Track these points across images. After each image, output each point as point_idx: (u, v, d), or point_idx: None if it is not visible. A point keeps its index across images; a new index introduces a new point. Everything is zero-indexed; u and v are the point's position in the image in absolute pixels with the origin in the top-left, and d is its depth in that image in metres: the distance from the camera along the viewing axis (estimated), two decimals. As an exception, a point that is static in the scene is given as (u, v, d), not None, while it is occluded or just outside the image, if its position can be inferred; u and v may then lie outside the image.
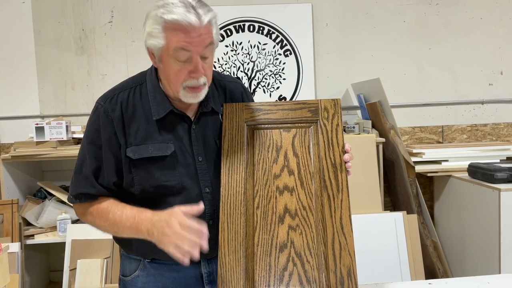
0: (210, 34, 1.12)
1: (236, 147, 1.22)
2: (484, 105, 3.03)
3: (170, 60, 1.13)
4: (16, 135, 2.80)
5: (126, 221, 1.14)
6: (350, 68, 3.00)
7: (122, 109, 1.20)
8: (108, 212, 1.17)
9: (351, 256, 1.09)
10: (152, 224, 1.08)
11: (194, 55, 1.11)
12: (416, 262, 2.34)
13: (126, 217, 1.14)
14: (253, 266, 1.11)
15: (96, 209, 1.20)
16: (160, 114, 1.20)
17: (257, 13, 2.96)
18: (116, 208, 1.17)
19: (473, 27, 2.99)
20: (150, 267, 1.26)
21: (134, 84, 1.24)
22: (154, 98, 1.21)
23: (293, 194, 1.17)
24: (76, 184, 1.21)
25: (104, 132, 1.19)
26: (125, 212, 1.15)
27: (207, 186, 1.23)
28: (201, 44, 1.10)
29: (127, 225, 1.13)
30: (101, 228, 1.21)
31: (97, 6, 2.91)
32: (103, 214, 1.18)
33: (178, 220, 1.04)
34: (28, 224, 2.52)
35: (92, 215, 1.20)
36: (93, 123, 1.21)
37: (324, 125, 1.23)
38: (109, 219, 1.17)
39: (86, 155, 1.21)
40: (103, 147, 1.19)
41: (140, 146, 1.18)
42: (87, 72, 2.93)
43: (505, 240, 2.14)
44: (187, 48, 1.10)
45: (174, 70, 1.14)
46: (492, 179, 2.23)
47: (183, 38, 1.09)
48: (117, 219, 1.15)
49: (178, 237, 1.03)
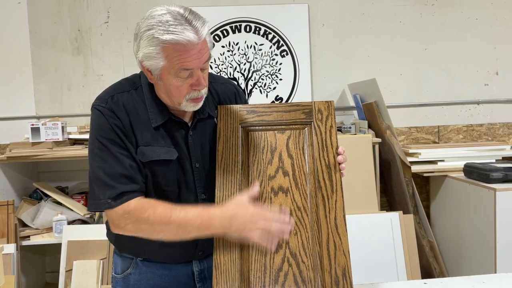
0: (207, 46, 1.11)
1: (231, 149, 1.22)
2: (480, 105, 3.04)
3: (171, 77, 1.10)
4: (11, 136, 2.79)
5: (195, 220, 1.09)
6: (346, 68, 3.00)
7: (126, 109, 1.16)
8: (170, 215, 1.09)
9: (346, 256, 1.10)
10: (227, 218, 1.08)
11: (196, 71, 1.10)
12: (412, 262, 2.35)
13: (193, 216, 1.09)
14: (248, 267, 1.11)
15: (153, 215, 1.10)
16: (158, 122, 1.18)
17: (253, 13, 2.96)
18: (175, 210, 1.10)
19: (469, 28, 3.01)
20: (142, 265, 1.26)
21: (129, 87, 1.21)
22: (151, 106, 1.18)
23: (288, 195, 1.18)
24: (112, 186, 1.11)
25: (117, 130, 1.14)
26: (189, 212, 1.10)
27: (203, 193, 1.23)
28: (201, 59, 1.09)
29: (197, 223, 1.09)
30: (161, 233, 1.11)
31: (93, 6, 2.91)
32: (164, 218, 1.09)
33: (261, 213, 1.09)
34: (24, 225, 2.52)
35: (149, 222, 1.10)
36: (103, 124, 1.14)
37: (318, 127, 1.24)
38: (173, 222, 1.09)
39: (110, 157, 1.12)
40: (125, 142, 1.14)
41: (147, 148, 1.16)
42: (83, 72, 2.93)
43: (501, 240, 2.15)
44: (189, 67, 1.08)
45: (175, 86, 1.12)
46: (487, 179, 2.24)
47: (184, 58, 1.07)
48: (182, 220, 1.09)
49: (265, 226, 1.08)
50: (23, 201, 2.59)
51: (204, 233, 1.10)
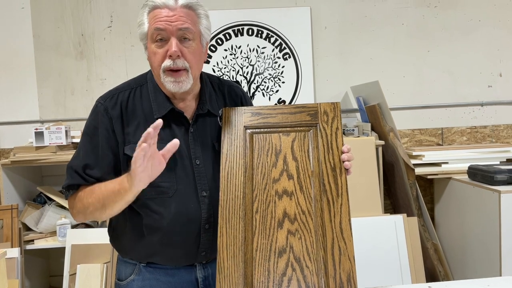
0: (189, 18, 1.15)
1: (235, 151, 1.22)
2: (484, 107, 3.03)
3: (150, 43, 1.16)
4: (15, 140, 2.80)
5: (109, 183, 1.13)
6: (349, 71, 3.00)
7: (122, 108, 1.21)
8: (94, 187, 1.16)
9: (351, 261, 1.09)
10: (131, 170, 1.04)
11: (169, 35, 1.13)
12: (417, 265, 2.34)
13: (110, 182, 1.13)
14: (252, 271, 1.11)
15: (84, 191, 1.18)
16: (162, 113, 1.20)
17: (256, 17, 2.96)
18: (102, 184, 1.16)
19: (472, 29, 3.00)
20: (145, 271, 1.26)
21: (135, 85, 1.26)
22: (155, 98, 1.22)
23: (292, 198, 1.17)
24: (67, 178, 1.21)
25: (102, 129, 1.19)
26: (110, 181, 1.14)
27: (204, 190, 1.22)
28: (174, 23, 1.12)
29: (110, 186, 1.12)
30: (89, 207, 1.16)
31: (96, 11, 2.92)
32: (90, 191, 1.17)
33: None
34: (28, 229, 2.52)
35: (80, 198, 1.18)
36: (92, 120, 1.22)
37: (324, 129, 1.23)
38: (95, 192, 1.15)
39: (81, 151, 1.22)
40: (101, 143, 1.19)
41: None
42: (86, 77, 2.94)
43: (506, 242, 2.14)
44: (161, 26, 1.12)
45: (153, 53, 1.16)
46: (492, 181, 2.23)
47: (157, 18, 1.13)
48: (102, 189, 1.14)
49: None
50: (27, 205, 2.59)
51: (119, 196, 1.09)
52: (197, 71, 1.22)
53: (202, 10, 1.19)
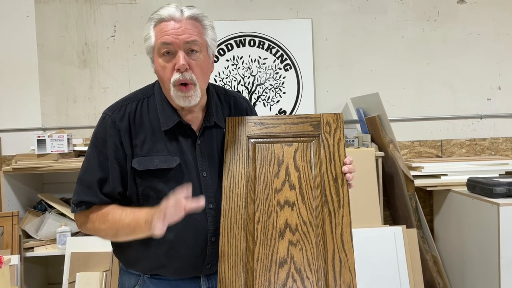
0: (195, 30, 1.15)
1: (238, 161, 1.23)
2: (483, 120, 3.05)
3: (157, 57, 1.17)
4: (17, 148, 2.81)
5: (126, 217, 1.12)
6: (349, 82, 3.03)
7: (130, 120, 1.20)
8: (108, 214, 1.16)
9: (352, 273, 1.09)
10: (152, 213, 1.05)
11: (176, 48, 1.14)
12: (416, 277, 2.34)
13: (126, 214, 1.13)
14: (253, 281, 1.11)
15: (96, 214, 1.18)
16: (169, 125, 1.20)
17: (257, 28, 3.00)
18: (117, 209, 1.16)
19: (471, 43, 3.03)
20: (149, 282, 1.25)
21: (142, 96, 1.25)
22: (162, 110, 1.22)
23: (294, 208, 1.18)
24: (79, 193, 1.19)
25: (110, 142, 1.19)
26: (126, 211, 1.14)
27: (211, 202, 1.22)
28: (181, 36, 1.13)
29: (126, 221, 1.11)
30: (100, 232, 1.18)
31: (100, 21, 2.95)
32: (103, 217, 1.16)
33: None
34: (28, 236, 2.52)
35: (92, 220, 1.18)
36: (100, 132, 1.21)
37: (326, 140, 1.24)
38: (109, 220, 1.15)
39: (91, 164, 1.20)
40: (109, 157, 1.19)
41: (145, 158, 1.19)
42: (89, 85, 2.96)
43: (505, 255, 2.14)
44: (168, 40, 1.13)
45: (161, 67, 1.17)
46: (491, 193, 2.23)
47: (164, 32, 1.14)
48: (116, 218, 1.13)
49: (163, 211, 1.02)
50: (27, 212, 2.59)
51: (134, 233, 1.11)
52: (204, 84, 1.22)
53: (208, 21, 1.20)
